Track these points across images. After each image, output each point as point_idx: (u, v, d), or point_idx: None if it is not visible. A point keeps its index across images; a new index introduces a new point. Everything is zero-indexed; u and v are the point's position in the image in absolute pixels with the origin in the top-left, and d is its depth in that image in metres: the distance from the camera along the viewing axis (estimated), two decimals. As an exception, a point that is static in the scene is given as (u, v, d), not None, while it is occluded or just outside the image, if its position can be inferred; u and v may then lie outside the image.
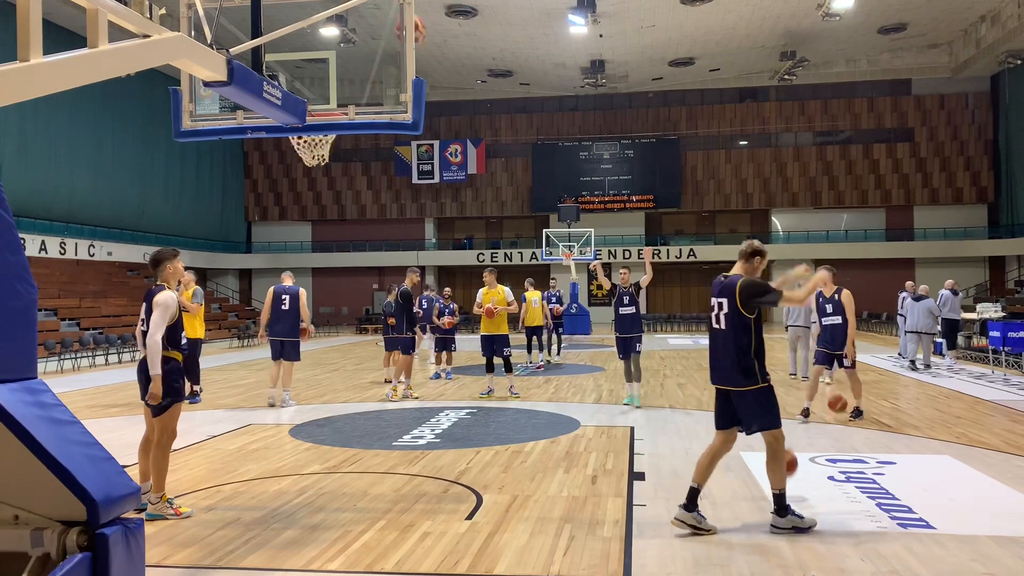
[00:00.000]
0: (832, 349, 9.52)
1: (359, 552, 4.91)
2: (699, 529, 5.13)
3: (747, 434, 5.34)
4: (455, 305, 15.11)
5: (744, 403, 5.23)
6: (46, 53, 3.56)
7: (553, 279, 19.39)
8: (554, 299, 17.62)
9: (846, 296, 9.41)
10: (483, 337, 11.99)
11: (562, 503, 5.98)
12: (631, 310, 10.84)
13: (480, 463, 7.39)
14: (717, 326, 5.35)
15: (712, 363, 5.41)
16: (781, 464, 5.23)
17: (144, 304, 5.97)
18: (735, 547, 4.92)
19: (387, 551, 4.92)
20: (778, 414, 5.26)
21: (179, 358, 5.92)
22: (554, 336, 17.90)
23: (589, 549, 4.91)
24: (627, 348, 10.82)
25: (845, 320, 9.37)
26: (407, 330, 11.90)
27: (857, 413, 9.47)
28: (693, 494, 5.21)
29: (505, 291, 11.89)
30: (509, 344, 11.88)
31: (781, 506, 5.20)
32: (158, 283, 5.97)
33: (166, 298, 5.79)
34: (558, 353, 17.79)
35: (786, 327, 14.09)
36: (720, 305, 5.30)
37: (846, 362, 9.44)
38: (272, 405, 11.40)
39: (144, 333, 5.86)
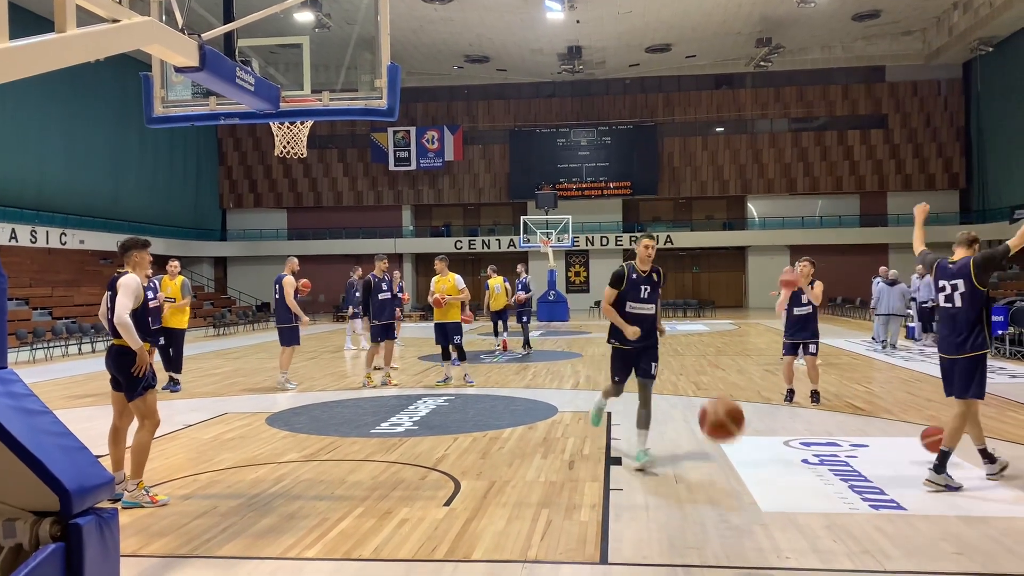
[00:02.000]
0: (801, 338, 9.65)
1: (336, 539, 4.91)
2: (950, 487, 5.70)
3: (957, 398, 5.87)
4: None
5: (961, 368, 5.80)
6: (12, 37, 3.50)
7: (521, 266, 18.67)
8: (519, 287, 17.24)
9: (819, 287, 9.60)
10: (436, 325, 11.90)
11: (539, 488, 6.02)
12: (649, 309, 6.67)
13: (458, 450, 7.41)
14: (948, 304, 5.94)
15: (945, 337, 5.98)
16: (977, 425, 5.94)
17: (108, 292, 5.91)
18: (710, 530, 4.97)
19: (365, 538, 4.92)
20: (984, 385, 5.84)
21: (146, 347, 5.88)
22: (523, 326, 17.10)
23: (566, 533, 4.95)
24: (640, 364, 6.68)
25: (815, 310, 9.62)
26: (371, 319, 11.96)
27: (816, 397, 9.70)
28: (943, 457, 5.77)
29: (456, 279, 11.76)
30: (461, 332, 11.84)
31: (942, 464, 5.78)
32: (121, 270, 5.92)
33: (130, 279, 5.77)
34: (526, 344, 16.80)
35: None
36: (954, 286, 5.89)
37: (812, 348, 9.61)
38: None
39: (109, 322, 5.83)
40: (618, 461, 6.84)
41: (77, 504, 3.16)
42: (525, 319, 17.36)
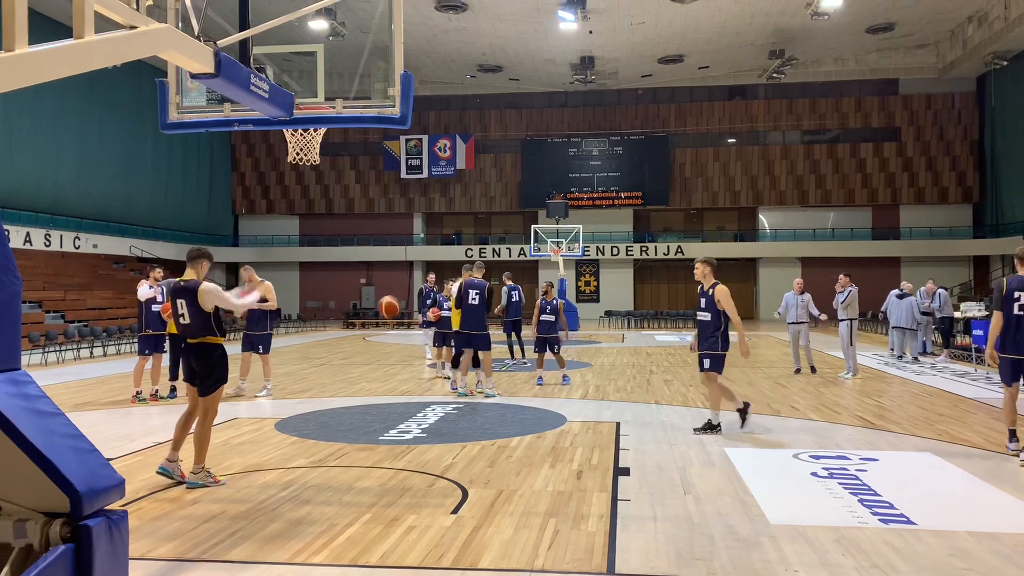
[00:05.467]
0: (699, 348, 8.55)
1: (344, 545, 4.92)
2: None
3: None
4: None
5: None
6: (31, 43, 3.54)
7: (507, 273, 16.62)
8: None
9: (720, 291, 8.36)
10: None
11: (547, 498, 6.01)
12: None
13: (466, 458, 7.41)
14: (1021, 313, 7.07)
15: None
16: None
17: (173, 298, 6.48)
18: (718, 542, 4.95)
19: (372, 544, 4.93)
20: None
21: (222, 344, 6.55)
22: (514, 336, 16.08)
23: (573, 543, 4.94)
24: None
25: (716, 317, 8.37)
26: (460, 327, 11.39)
27: (708, 427, 8.48)
28: None
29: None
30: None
31: None
32: (186, 278, 6.51)
33: (210, 284, 6.47)
34: (512, 357, 15.91)
35: (787, 324, 14.27)
36: None
37: (704, 363, 8.47)
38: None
39: (186, 325, 6.43)
40: (626, 471, 6.83)
41: (87, 506, 3.18)
42: (509, 329, 16.16)
